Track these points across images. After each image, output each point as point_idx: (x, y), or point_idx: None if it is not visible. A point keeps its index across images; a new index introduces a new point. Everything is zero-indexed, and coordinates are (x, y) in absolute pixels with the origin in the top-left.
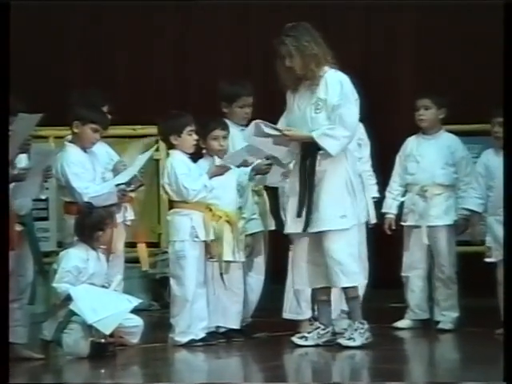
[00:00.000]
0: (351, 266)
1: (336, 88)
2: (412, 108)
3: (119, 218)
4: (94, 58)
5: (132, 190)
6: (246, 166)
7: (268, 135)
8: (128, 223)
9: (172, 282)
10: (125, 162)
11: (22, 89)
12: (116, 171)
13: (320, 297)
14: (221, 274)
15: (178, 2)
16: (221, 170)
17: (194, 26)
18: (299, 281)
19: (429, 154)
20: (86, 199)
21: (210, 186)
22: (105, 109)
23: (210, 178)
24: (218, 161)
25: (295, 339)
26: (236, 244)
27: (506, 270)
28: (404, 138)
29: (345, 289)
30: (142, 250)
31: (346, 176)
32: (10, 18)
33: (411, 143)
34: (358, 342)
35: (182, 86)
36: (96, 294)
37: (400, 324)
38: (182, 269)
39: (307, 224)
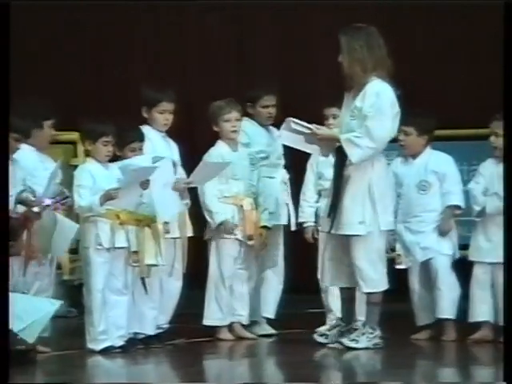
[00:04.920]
0: (369, 272)
1: (371, 99)
2: None
3: None
4: (25, 60)
5: (62, 204)
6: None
7: (298, 132)
8: None
9: (83, 288)
10: None
11: None
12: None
13: (343, 295)
14: (142, 279)
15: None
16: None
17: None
18: (324, 278)
19: None
20: None
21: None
22: (49, 123)
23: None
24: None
25: (316, 337)
26: (158, 247)
27: (506, 270)
28: None
29: (366, 293)
30: (64, 258)
31: (368, 184)
32: (10, 17)
33: None
34: (360, 345)
35: (103, 88)
36: (19, 301)
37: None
38: (87, 275)
39: (332, 225)
